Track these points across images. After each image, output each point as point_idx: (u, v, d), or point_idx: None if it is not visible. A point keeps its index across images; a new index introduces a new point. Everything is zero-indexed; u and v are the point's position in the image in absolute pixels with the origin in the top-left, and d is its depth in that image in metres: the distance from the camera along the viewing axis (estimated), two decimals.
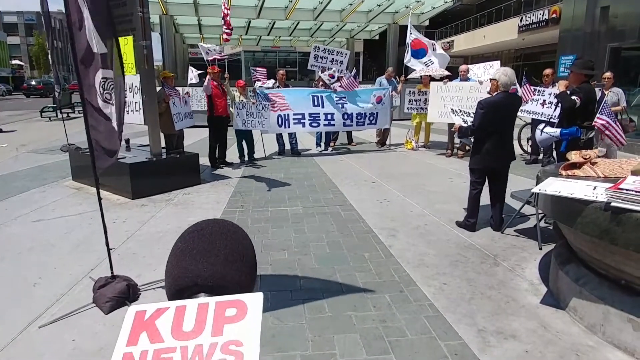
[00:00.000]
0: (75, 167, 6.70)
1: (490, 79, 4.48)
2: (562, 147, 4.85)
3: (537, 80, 8.35)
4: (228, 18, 8.13)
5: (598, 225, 2.50)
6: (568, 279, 3.00)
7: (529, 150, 8.72)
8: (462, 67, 8.80)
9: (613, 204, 2.42)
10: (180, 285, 0.69)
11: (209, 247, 0.71)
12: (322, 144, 9.74)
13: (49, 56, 9.74)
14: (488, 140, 4.36)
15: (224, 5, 8.19)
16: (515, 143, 8.86)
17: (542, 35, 23.09)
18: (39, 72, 59.97)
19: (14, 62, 62.88)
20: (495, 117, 4.27)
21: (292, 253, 4.01)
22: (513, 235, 4.51)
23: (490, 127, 4.29)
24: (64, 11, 3.05)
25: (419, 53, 9.25)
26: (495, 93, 4.34)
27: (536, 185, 3.25)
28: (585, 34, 9.88)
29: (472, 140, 4.62)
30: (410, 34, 9.27)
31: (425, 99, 9.17)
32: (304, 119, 8.87)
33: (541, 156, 8.15)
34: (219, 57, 8.21)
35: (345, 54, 9.31)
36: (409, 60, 9.27)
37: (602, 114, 5.52)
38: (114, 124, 3.21)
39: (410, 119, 10.57)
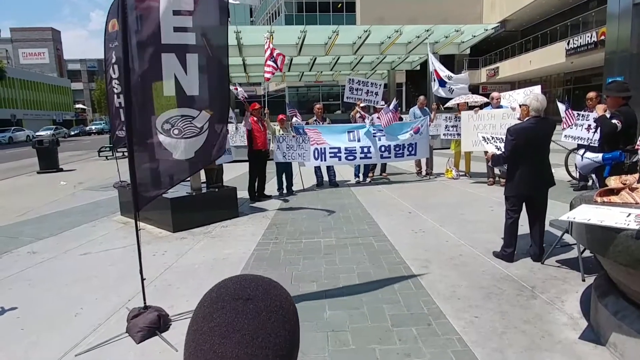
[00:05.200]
0: (124, 203, 7.09)
1: (521, 105, 4.39)
2: (606, 172, 4.64)
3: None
4: (275, 53, 8.24)
5: (630, 254, 2.36)
6: (607, 312, 2.81)
7: (577, 176, 8.34)
8: (494, 95, 8.65)
9: None
10: None
11: (255, 331, 0.55)
12: (361, 175, 9.76)
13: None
14: (521, 167, 4.23)
15: (269, 44, 8.39)
16: (563, 169, 8.58)
17: (591, 57, 22.38)
18: (99, 114, 64.64)
19: (77, 106, 68.42)
20: (527, 143, 4.16)
21: (322, 285, 4.01)
22: (554, 265, 4.29)
23: (522, 154, 4.18)
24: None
25: (441, 82, 9.30)
26: (526, 119, 4.24)
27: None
28: (632, 55, 9.45)
29: (506, 168, 4.50)
30: (432, 63, 9.32)
31: None
32: (340, 152, 8.99)
33: (590, 182, 7.77)
34: (244, 98, 8.36)
35: (380, 85, 9.39)
36: (437, 89, 9.27)
37: None
38: (176, 156, 3.42)
39: (449, 148, 10.44)
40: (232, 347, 0.52)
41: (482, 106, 8.91)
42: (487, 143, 4.78)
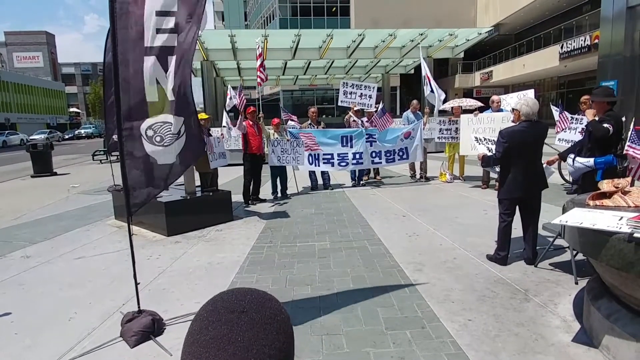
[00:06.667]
0: (117, 207, 7.06)
1: (512, 109, 4.43)
2: (598, 176, 4.67)
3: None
4: (260, 62, 8.42)
5: (623, 257, 2.38)
6: (600, 315, 2.83)
7: (571, 179, 8.39)
8: (494, 98, 8.69)
9: (636, 234, 2.31)
10: None
11: (249, 343, 0.56)
12: (355, 179, 9.78)
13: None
14: (514, 170, 4.27)
15: (259, 50, 8.54)
16: (557, 173, 8.62)
17: (585, 61, 22.56)
18: (94, 117, 64.38)
19: (71, 109, 68.16)
20: (519, 146, 4.20)
21: (316, 288, 4.01)
22: (547, 269, 4.32)
23: (514, 157, 4.21)
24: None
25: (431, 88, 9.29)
26: (519, 122, 4.29)
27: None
28: (625, 59, 9.57)
29: (496, 169, 4.54)
30: (424, 67, 9.34)
31: (457, 128, 9.10)
32: (333, 158, 9.07)
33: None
34: (239, 101, 8.19)
35: (373, 88, 9.41)
36: (429, 94, 9.29)
37: (632, 142, 5.31)
38: (161, 161, 3.40)
39: (443, 151, 10.48)
40: (227, 359, 0.53)
41: (480, 109, 8.94)
42: (480, 144, 4.82)
